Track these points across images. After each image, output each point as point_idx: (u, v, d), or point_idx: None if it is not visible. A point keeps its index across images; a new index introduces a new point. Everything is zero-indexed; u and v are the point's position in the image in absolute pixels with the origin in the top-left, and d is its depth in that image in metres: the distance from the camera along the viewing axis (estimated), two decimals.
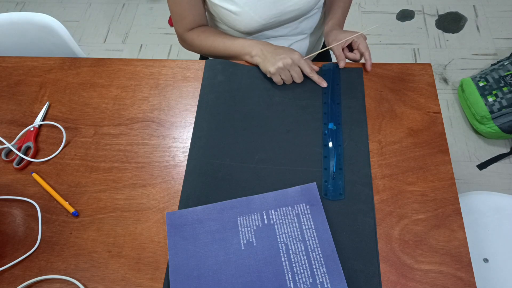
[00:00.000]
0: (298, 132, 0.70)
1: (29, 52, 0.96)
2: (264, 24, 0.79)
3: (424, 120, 0.70)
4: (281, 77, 0.73)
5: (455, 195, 0.62)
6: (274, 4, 0.75)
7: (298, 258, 0.57)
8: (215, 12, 0.80)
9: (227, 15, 0.77)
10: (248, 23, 0.77)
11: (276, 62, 0.71)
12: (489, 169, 1.46)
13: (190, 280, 0.56)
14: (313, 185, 0.63)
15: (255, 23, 0.78)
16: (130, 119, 0.74)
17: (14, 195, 0.67)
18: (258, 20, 0.77)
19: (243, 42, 0.77)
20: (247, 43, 0.77)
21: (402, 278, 0.56)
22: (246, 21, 0.77)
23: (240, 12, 0.75)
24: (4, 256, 0.62)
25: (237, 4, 0.74)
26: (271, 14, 0.77)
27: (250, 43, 0.77)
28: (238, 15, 0.76)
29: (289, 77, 0.73)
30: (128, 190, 0.67)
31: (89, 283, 0.59)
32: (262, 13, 0.76)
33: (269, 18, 0.78)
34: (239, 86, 0.76)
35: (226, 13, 0.77)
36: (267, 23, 0.79)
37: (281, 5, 0.76)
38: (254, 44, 0.76)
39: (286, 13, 0.78)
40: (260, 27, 0.79)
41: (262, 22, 0.78)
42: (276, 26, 0.82)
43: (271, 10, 0.76)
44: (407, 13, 1.92)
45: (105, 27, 2.01)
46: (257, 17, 0.76)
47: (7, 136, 0.74)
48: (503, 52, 1.73)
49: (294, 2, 0.76)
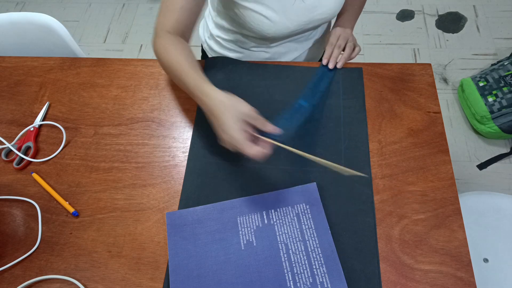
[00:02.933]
0: (298, 132, 0.70)
1: (29, 52, 0.96)
2: (293, 30, 0.77)
3: (424, 120, 0.70)
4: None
5: (455, 195, 0.62)
6: (304, 11, 0.74)
7: (298, 258, 0.57)
8: (242, 16, 0.74)
9: (259, 19, 0.73)
10: (279, 29, 0.75)
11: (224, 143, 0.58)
12: (489, 169, 1.46)
13: (190, 280, 0.56)
14: (313, 185, 0.63)
15: (286, 30, 0.76)
16: (130, 119, 0.74)
17: (14, 195, 0.67)
18: (290, 27, 0.76)
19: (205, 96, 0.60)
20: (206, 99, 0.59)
21: (402, 278, 0.56)
22: (277, 27, 0.74)
23: (275, 18, 0.73)
24: (4, 256, 0.62)
25: (274, 10, 0.72)
26: (301, 21, 0.76)
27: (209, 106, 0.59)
28: (273, 21, 0.73)
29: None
30: (128, 190, 0.67)
31: (89, 283, 0.59)
32: (294, 20, 0.75)
33: (298, 25, 0.77)
34: (239, 84, 0.76)
35: (258, 17, 0.73)
36: (295, 30, 0.78)
37: (311, 13, 0.75)
38: (208, 109, 0.60)
39: (313, 21, 0.78)
40: (288, 33, 0.78)
41: (292, 29, 0.76)
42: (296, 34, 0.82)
43: (302, 18, 0.75)
44: (407, 13, 1.92)
45: (105, 27, 2.01)
46: (289, 24, 0.75)
47: (7, 136, 0.74)
48: (503, 52, 1.73)
49: (322, 11, 0.76)
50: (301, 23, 0.76)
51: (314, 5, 0.74)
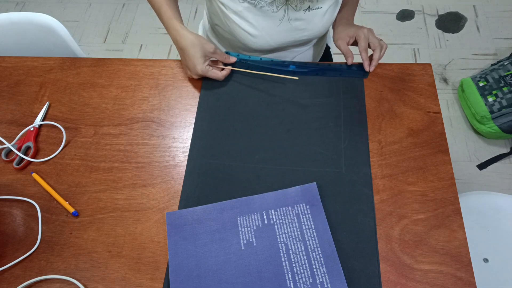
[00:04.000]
0: (298, 132, 0.70)
1: (29, 52, 0.96)
2: (276, 47, 0.80)
3: (424, 120, 0.70)
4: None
5: (455, 195, 0.62)
6: (290, 33, 0.77)
7: (298, 258, 0.57)
8: (229, 28, 0.78)
9: (243, 34, 0.77)
10: (261, 45, 0.78)
11: (190, 72, 0.75)
12: (489, 169, 1.46)
13: (190, 280, 0.57)
14: (313, 185, 0.63)
15: (268, 46, 0.79)
16: (130, 119, 0.74)
17: (14, 195, 0.67)
18: (272, 44, 0.79)
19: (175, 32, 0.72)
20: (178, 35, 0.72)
21: (402, 278, 0.56)
22: (260, 43, 0.78)
23: (257, 35, 0.76)
24: (4, 256, 0.62)
25: (256, 28, 0.75)
26: (286, 41, 0.79)
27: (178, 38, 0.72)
28: (255, 38, 0.76)
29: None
30: (128, 190, 0.67)
31: (89, 283, 0.59)
32: (277, 39, 0.77)
33: (282, 44, 0.79)
34: (239, 85, 0.76)
35: (243, 33, 0.76)
36: (279, 47, 0.81)
37: (296, 34, 0.77)
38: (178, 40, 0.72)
39: (299, 41, 0.80)
40: (271, 49, 0.81)
41: (275, 46, 0.79)
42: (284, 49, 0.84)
43: (286, 38, 0.78)
44: (407, 13, 1.92)
45: (105, 27, 2.01)
46: (271, 42, 0.78)
47: (7, 136, 0.74)
48: (503, 52, 1.73)
49: (309, 33, 0.77)
50: (285, 43, 0.79)
51: (300, 28, 0.76)
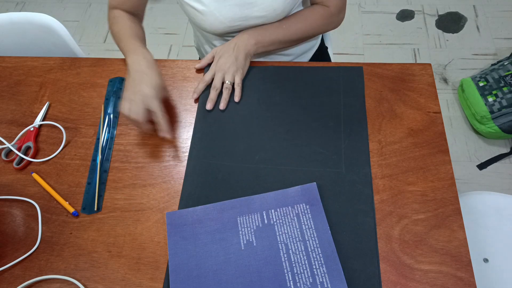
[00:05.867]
0: (298, 132, 0.70)
1: (29, 52, 0.96)
2: (229, 26, 0.78)
3: (424, 120, 0.70)
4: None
5: (455, 195, 0.62)
6: (239, 7, 0.75)
7: (298, 258, 0.57)
8: (185, 10, 0.80)
9: (194, 13, 0.77)
10: (212, 23, 0.77)
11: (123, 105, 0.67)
12: (489, 169, 1.46)
13: (190, 280, 0.56)
14: (313, 185, 0.63)
15: (220, 24, 0.77)
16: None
17: (14, 195, 0.67)
18: (223, 21, 0.77)
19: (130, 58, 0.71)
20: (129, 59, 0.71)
21: (402, 278, 0.56)
22: (210, 21, 0.77)
23: (205, 11, 0.75)
24: (4, 256, 0.62)
25: (203, 3, 0.75)
26: (236, 17, 0.76)
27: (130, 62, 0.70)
28: (204, 15, 0.76)
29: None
30: (128, 190, 0.67)
31: (89, 283, 0.59)
32: (226, 15, 0.76)
33: (233, 20, 0.77)
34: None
35: (193, 11, 0.77)
36: (232, 26, 0.78)
37: (246, 9, 0.75)
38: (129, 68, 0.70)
39: (251, 18, 0.77)
40: (225, 28, 0.78)
41: (227, 23, 0.77)
42: (239, 30, 0.80)
43: (236, 13, 0.76)
44: (407, 13, 1.92)
45: (105, 27, 2.01)
46: (221, 18, 0.76)
47: (7, 136, 0.74)
48: (503, 52, 1.73)
49: (260, 8, 0.75)
50: (236, 19, 0.77)
51: (249, 2, 0.74)
